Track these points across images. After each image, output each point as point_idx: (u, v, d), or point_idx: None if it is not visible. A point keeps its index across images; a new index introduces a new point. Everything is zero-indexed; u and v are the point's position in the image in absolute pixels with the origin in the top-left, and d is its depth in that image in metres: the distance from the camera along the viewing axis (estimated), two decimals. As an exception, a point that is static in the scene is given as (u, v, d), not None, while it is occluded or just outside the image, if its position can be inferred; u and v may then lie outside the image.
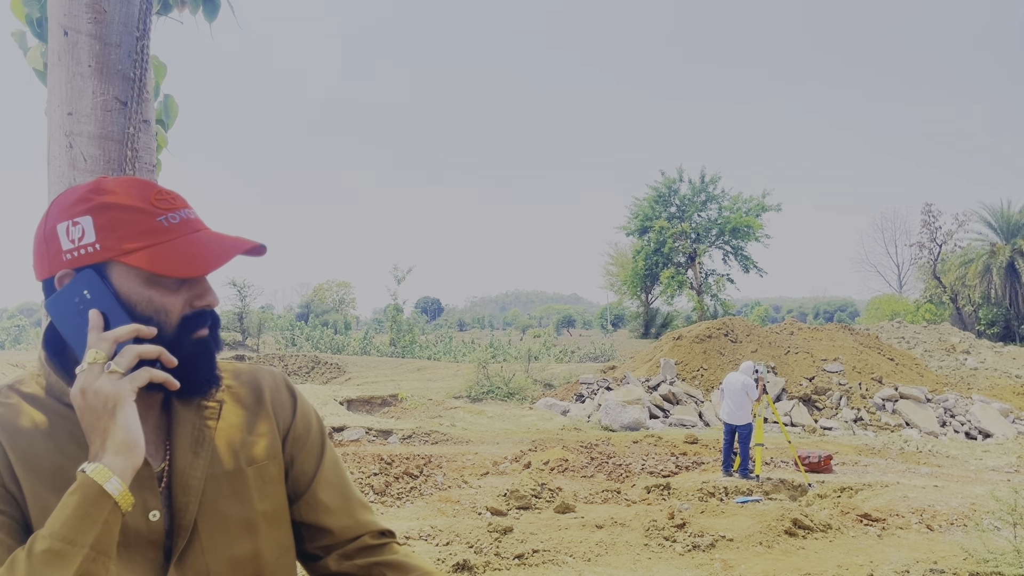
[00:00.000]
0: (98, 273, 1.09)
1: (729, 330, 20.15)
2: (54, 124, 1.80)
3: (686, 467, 10.89)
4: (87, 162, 1.76)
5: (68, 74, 1.78)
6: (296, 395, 1.31)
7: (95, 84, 1.78)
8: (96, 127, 1.78)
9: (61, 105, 1.80)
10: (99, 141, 1.77)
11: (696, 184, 44.90)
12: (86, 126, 1.77)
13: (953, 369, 23.20)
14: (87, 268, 1.09)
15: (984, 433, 15.78)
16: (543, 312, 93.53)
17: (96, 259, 1.09)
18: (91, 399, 1.02)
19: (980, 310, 40.31)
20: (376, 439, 12.68)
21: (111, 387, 1.02)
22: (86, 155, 1.77)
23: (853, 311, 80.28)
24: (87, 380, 1.03)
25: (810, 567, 5.93)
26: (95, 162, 1.77)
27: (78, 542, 0.95)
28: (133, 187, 1.13)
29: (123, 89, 1.80)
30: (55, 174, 1.79)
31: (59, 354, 1.13)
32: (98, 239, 1.09)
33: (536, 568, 5.93)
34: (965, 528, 6.98)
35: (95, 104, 1.78)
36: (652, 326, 46.02)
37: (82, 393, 1.02)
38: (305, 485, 1.26)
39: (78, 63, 1.78)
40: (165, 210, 1.12)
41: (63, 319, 1.10)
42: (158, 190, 1.14)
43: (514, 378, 20.08)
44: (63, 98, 1.78)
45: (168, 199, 1.14)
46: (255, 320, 38.97)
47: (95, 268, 1.10)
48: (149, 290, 1.10)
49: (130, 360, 1.04)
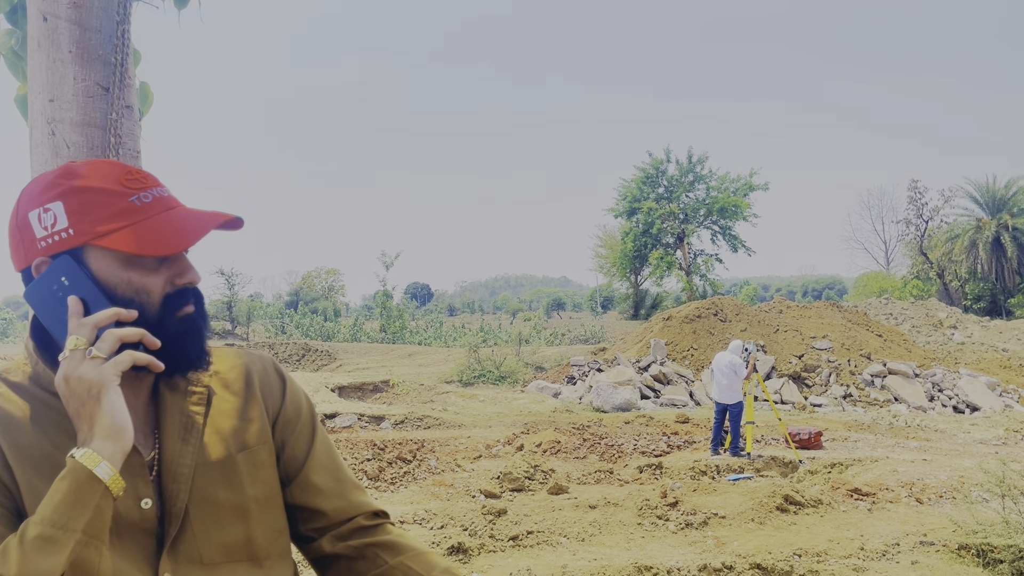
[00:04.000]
0: (74, 258, 1.08)
1: (718, 310, 20.21)
2: (36, 111, 1.78)
3: (678, 446, 10.95)
4: (70, 149, 1.75)
5: (49, 60, 1.76)
6: (285, 379, 1.30)
7: (76, 70, 1.76)
8: (78, 114, 1.76)
9: (42, 92, 1.77)
10: (81, 128, 1.76)
11: (683, 165, 44.90)
12: (68, 113, 1.75)
13: (940, 344, 23.37)
14: (63, 254, 1.08)
15: (972, 407, 15.93)
16: (533, 296, 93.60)
17: (71, 244, 1.08)
18: (75, 386, 1.01)
19: (967, 285, 40.59)
20: (368, 425, 12.69)
21: (94, 373, 1.01)
22: (68, 142, 1.75)
23: (841, 288, 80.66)
24: (70, 367, 1.02)
25: (802, 542, 5.99)
26: (78, 149, 1.75)
27: (70, 527, 0.95)
28: (103, 169, 1.12)
29: (104, 75, 1.78)
30: (38, 162, 1.77)
31: (45, 343, 1.12)
32: (71, 224, 1.08)
33: (531, 549, 5.97)
34: (954, 500, 7.06)
35: (76, 90, 1.76)
36: (642, 307, 46.14)
37: (65, 380, 1.02)
38: (297, 468, 1.26)
39: (58, 49, 1.76)
40: (137, 190, 1.11)
41: (43, 307, 1.09)
42: (128, 170, 1.13)
43: (505, 362, 20.12)
44: (44, 85, 1.76)
45: (139, 179, 1.13)
46: (244, 309, 38.89)
47: (71, 254, 1.08)
48: (128, 272, 1.09)
49: (111, 344, 1.03)
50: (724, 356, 10.24)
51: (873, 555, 5.64)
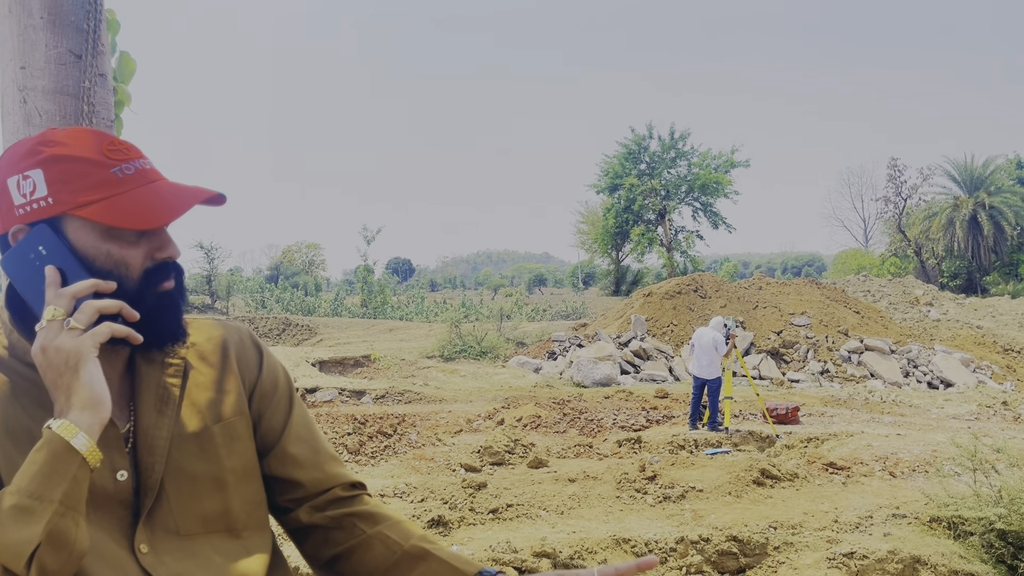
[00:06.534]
0: (52, 228, 1.06)
1: (698, 286, 20.32)
2: (7, 79, 1.75)
3: (656, 421, 11.05)
4: (42, 117, 1.72)
5: (20, 26, 1.73)
6: (262, 350, 1.29)
7: (47, 37, 1.72)
8: (50, 81, 1.73)
9: (14, 59, 1.74)
10: (54, 96, 1.72)
11: (666, 141, 44.87)
12: (40, 80, 1.72)
13: (916, 321, 23.65)
14: (41, 223, 1.07)
15: (946, 382, 16.17)
16: (515, 271, 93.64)
17: (49, 213, 1.06)
18: (52, 356, 1.00)
19: (943, 263, 41.05)
20: (349, 399, 12.69)
21: (71, 344, 1.00)
22: (41, 110, 1.72)
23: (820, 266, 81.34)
24: (47, 337, 1.01)
25: (777, 515, 6.07)
26: (50, 117, 1.72)
27: (46, 497, 0.94)
28: (84, 138, 1.10)
29: (77, 42, 1.75)
30: (9, 130, 1.74)
31: (21, 313, 1.11)
32: (50, 193, 1.06)
33: (510, 522, 6.02)
34: (926, 474, 7.18)
35: (48, 57, 1.73)
36: (623, 283, 46.30)
37: (43, 351, 1.01)
38: (274, 440, 1.25)
39: (29, 15, 1.72)
40: (119, 161, 1.09)
41: (19, 276, 1.07)
42: (110, 140, 1.11)
43: (486, 337, 20.14)
44: (15, 51, 1.73)
45: (122, 149, 1.11)
46: (224, 283, 38.62)
47: (49, 223, 1.07)
48: (107, 244, 1.08)
49: (89, 316, 1.02)
50: (706, 332, 10.30)
51: (847, 527, 5.73)
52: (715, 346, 10.08)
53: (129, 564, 1.07)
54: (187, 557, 1.11)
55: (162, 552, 1.09)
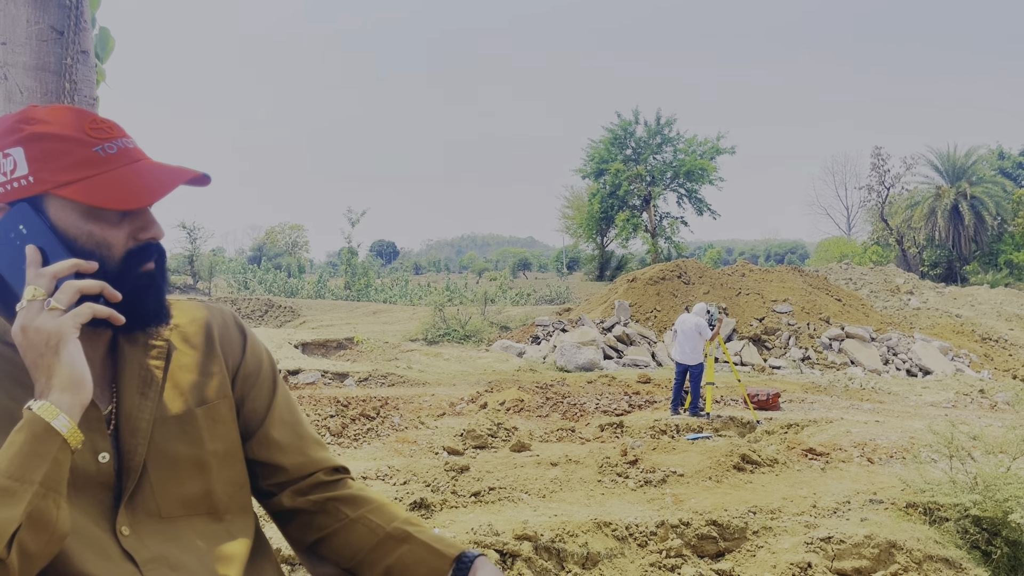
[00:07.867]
0: (33, 207, 1.05)
1: (682, 272, 20.39)
2: (-13, 55, 1.73)
3: (639, 406, 11.11)
4: (23, 95, 1.69)
5: (1, 1, 1.70)
6: (246, 333, 1.29)
7: (29, 12, 1.70)
8: (31, 57, 1.70)
9: (-7, 35, 1.71)
10: (35, 72, 1.70)
11: (651, 126, 44.82)
12: (21, 56, 1.70)
13: (897, 309, 23.88)
14: (21, 202, 1.05)
15: (924, 370, 16.35)
16: (499, 255, 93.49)
17: (30, 192, 1.05)
18: (32, 337, 0.99)
19: (924, 252, 41.41)
20: (332, 382, 12.68)
21: (52, 324, 0.99)
22: (22, 87, 1.70)
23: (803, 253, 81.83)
24: (27, 317, 1.00)
25: (757, 499, 6.14)
26: (31, 94, 1.70)
27: (26, 479, 0.94)
28: (66, 116, 1.08)
29: (59, 18, 1.72)
30: (-11, 107, 1.72)
31: (1, 293, 1.09)
32: (31, 171, 1.05)
33: (492, 505, 6.04)
34: (904, 461, 7.27)
35: (30, 33, 1.70)
36: (607, 269, 46.36)
37: (23, 331, 1.00)
38: (257, 423, 1.25)
39: (10, -10, 1.70)
40: (101, 139, 1.08)
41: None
42: (93, 118, 1.09)
43: (470, 321, 20.15)
44: (-5, 27, 1.70)
45: (104, 128, 1.09)
46: (206, 263, 38.39)
47: (30, 201, 1.05)
48: (89, 224, 1.07)
49: (70, 296, 1.01)
50: (689, 318, 10.34)
51: (824, 512, 5.80)
52: (698, 331, 10.12)
53: (111, 546, 1.06)
54: (169, 540, 1.11)
55: (144, 535, 1.09)
